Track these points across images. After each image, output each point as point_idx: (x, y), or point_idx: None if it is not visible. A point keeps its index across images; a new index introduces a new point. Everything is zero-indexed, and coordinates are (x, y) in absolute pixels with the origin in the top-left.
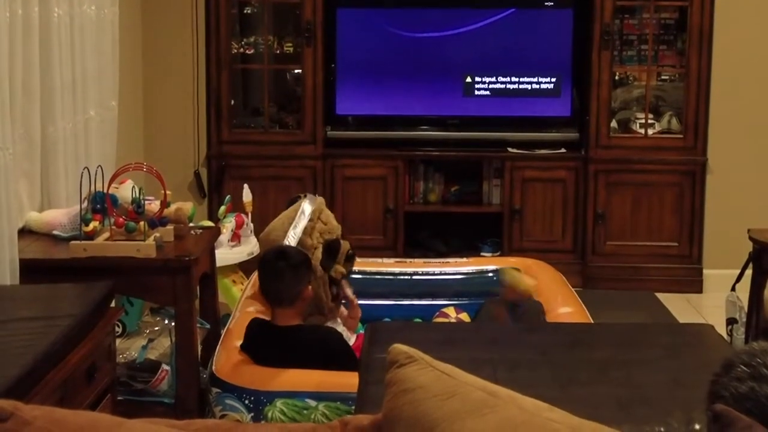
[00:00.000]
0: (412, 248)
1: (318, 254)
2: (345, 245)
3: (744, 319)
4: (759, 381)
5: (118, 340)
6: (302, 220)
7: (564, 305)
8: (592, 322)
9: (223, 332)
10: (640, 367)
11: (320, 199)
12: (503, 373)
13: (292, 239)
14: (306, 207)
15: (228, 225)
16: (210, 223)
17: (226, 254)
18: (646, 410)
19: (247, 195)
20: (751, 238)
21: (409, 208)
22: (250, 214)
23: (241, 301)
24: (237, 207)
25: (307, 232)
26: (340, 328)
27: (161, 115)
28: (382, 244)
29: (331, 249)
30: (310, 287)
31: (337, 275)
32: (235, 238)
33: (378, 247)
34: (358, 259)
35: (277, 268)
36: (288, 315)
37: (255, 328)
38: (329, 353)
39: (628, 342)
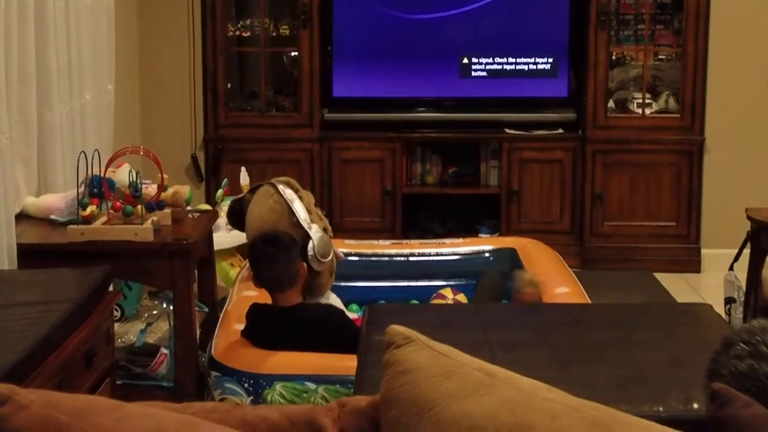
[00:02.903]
0: (410, 230)
1: (322, 214)
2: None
3: (742, 299)
4: (758, 359)
5: (116, 325)
6: (292, 194)
7: (561, 285)
8: (590, 302)
9: (221, 315)
10: (639, 347)
11: (285, 179)
12: (501, 354)
13: (300, 209)
14: (281, 186)
15: (225, 208)
16: (207, 207)
17: (223, 237)
18: (644, 390)
19: (244, 178)
20: (749, 217)
21: (406, 190)
22: None
23: (237, 284)
24: (234, 190)
25: (304, 201)
26: (337, 302)
27: (158, 98)
28: (380, 226)
29: None
30: (304, 264)
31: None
32: None
33: (376, 230)
34: (354, 242)
35: (269, 254)
36: (289, 296)
37: (256, 312)
38: (333, 329)
39: (626, 322)
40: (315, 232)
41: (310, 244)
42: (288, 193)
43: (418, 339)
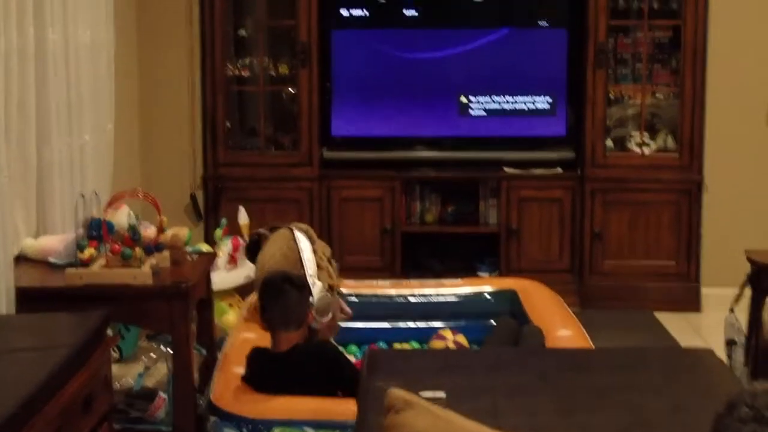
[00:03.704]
0: (410, 269)
1: (332, 272)
2: (333, 262)
3: (743, 341)
4: (761, 423)
5: (115, 366)
6: (306, 245)
7: (563, 328)
8: (592, 345)
9: (220, 358)
10: (641, 392)
11: (303, 225)
12: (503, 399)
13: (309, 263)
14: (299, 234)
15: (224, 248)
16: (207, 247)
17: (222, 278)
18: None
19: (243, 218)
20: (748, 259)
21: (406, 228)
22: (246, 237)
23: (237, 325)
24: (233, 230)
25: (317, 254)
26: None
27: (157, 137)
28: (379, 264)
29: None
30: (312, 311)
31: (338, 285)
32: (232, 261)
33: (375, 268)
34: (353, 282)
35: (284, 291)
36: (292, 339)
37: (256, 358)
38: (327, 365)
39: (628, 367)
40: (318, 290)
41: (310, 301)
42: (303, 244)
43: (417, 404)
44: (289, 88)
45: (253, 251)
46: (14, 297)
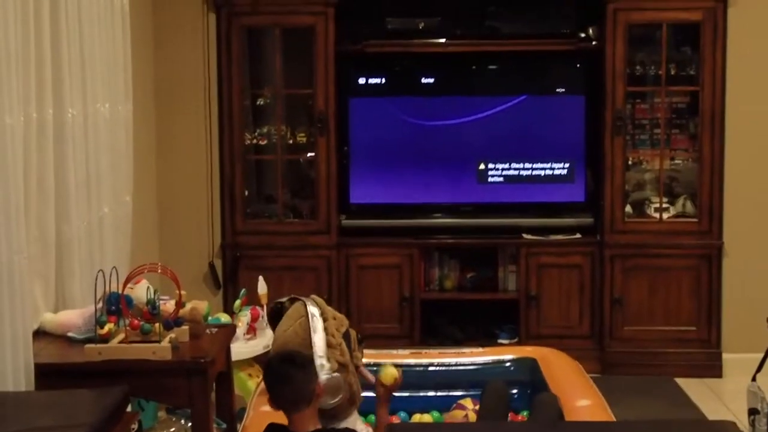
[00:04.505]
0: (429, 336)
1: (344, 349)
2: (353, 333)
3: (766, 410)
4: None
5: None
6: (318, 323)
7: (582, 398)
8: (611, 414)
9: (239, 430)
10: None
11: (319, 300)
12: None
13: (319, 343)
14: (313, 310)
15: (243, 318)
16: (226, 317)
17: (241, 348)
18: None
19: (262, 287)
20: None
21: (424, 295)
22: (265, 307)
23: (255, 397)
24: (252, 300)
25: (329, 332)
26: (360, 426)
27: (175, 206)
28: (398, 332)
29: (346, 340)
30: (320, 383)
31: (359, 363)
32: (251, 331)
33: (394, 336)
34: (372, 351)
35: (286, 373)
36: (306, 418)
37: None
38: None
39: None
40: (324, 372)
41: (316, 374)
42: (314, 323)
43: None
44: (308, 155)
45: (274, 320)
46: (33, 373)
